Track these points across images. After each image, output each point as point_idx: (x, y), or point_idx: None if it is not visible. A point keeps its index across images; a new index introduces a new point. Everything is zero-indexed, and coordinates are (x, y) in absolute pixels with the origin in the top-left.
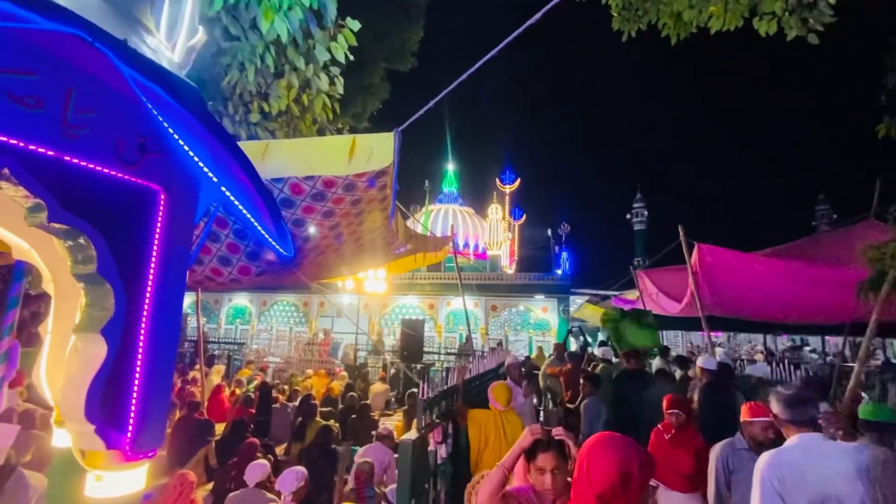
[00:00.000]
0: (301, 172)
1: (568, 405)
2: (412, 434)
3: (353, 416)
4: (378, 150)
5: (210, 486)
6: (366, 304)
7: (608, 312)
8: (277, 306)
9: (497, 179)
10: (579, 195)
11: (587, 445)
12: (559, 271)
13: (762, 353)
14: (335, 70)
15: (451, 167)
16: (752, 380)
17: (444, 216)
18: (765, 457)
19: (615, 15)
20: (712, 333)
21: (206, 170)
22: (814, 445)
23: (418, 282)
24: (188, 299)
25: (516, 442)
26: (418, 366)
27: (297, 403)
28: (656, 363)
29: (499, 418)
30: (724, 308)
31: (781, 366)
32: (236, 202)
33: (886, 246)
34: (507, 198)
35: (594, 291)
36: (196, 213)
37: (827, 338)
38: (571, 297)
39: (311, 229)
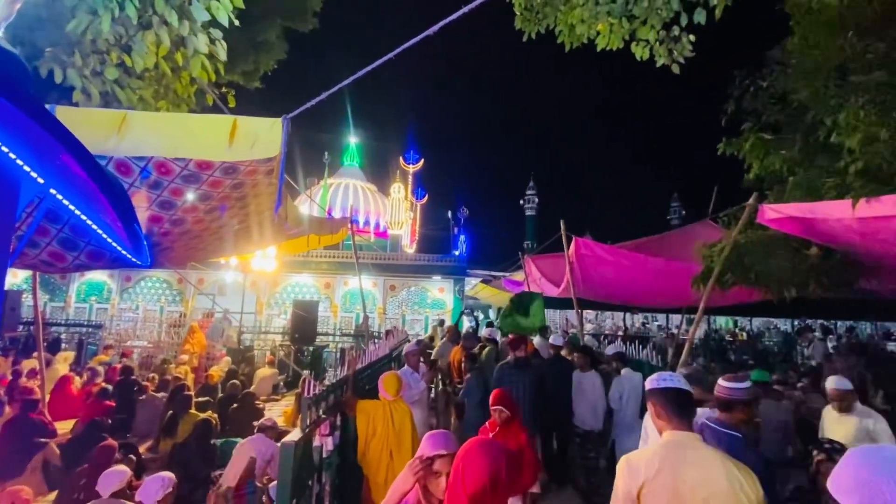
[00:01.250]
0: (169, 153)
1: (458, 385)
2: (295, 434)
3: (235, 405)
4: (264, 137)
5: (53, 496)
6: (253, 281)
7: (506, 311)
8: (145, 283)
9: (401, 158)
10: (478, 180)
11: (462, 450)
12: (456, 252)
13: (621, 331)
14: (217, 33)
15: (353, 140)
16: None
17: (344, 191)
18: None
19: (518, 14)
20: (584, 312)
21: (27, 169)
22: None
23: (314, 260)
24: (22, 274)
25: (395, 483)
26: (310, 348)
27: (167, 394)
28: (537, 341)
29: (388, 408)
30: (594, 292)
31: (634, 343)
32: (70, 205)
33: (714, 245)
34: (411, 177)
35: (487, 272)
36: (15, 209)
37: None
38: (467, 278)
39: (182, 213)
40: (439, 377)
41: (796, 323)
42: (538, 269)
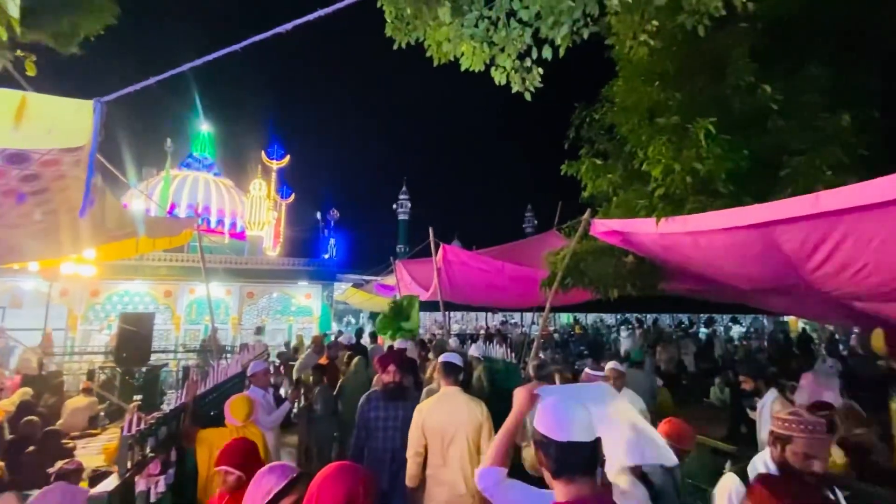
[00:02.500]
0: None
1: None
2: (110, 482)
3: (31, 448)
4: (66, 122)
5: None
6: (63, 290)
7: (385, 315)
8: None
9: (263, 153)
10: (352, 183)
11: (318, 476)
12: (326, 256)
13: (483, 329)
14: None
15: (205, 128)
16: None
17: (192, 185)
18: None
19: (388, 21)
20: (451, 313)
21: None
22: None
23: (149, 264)
24: None
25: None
26: (143, 369)
27: None
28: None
29: (236, 435)
30: (459, 296)
31: (493, 340)
32: None
33: (558, 253)
34: (274, 174)
35: (359, 276)
36: None
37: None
38: (336, 283)
39: None
40: (302, 393)
41: (617, 317)
42: (409, 273)
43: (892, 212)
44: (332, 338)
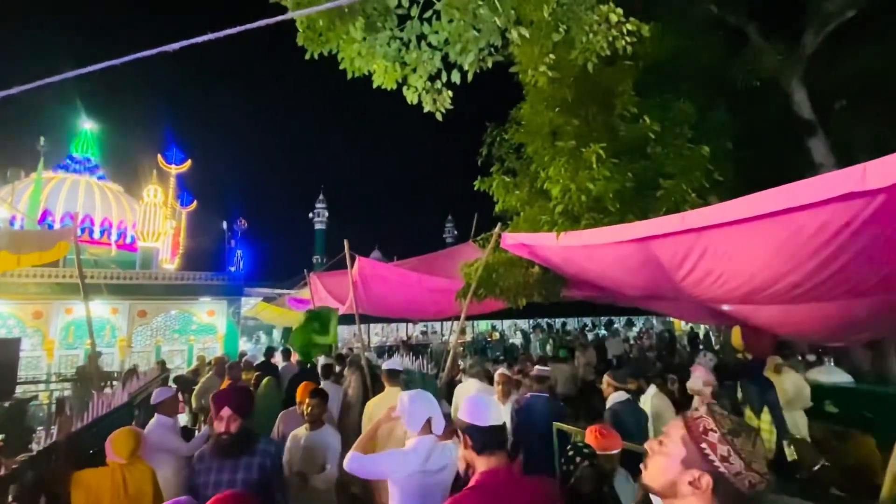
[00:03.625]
0: None
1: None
2: None
3: None
4: None
5: None
6: None
7: (299, 327)
8: None
9: (159, 156)
10: (263, 189)
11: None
12: (232, 269)
13: (403, 341)
14: None
15: (88, 126)
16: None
17: (70, 190)
18: None
19: (300, 30)
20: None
21: None
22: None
23: (15, 281)
24: None
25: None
26: (6, 403)
27: None
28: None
29: (118, 474)
30: (377, 308)
31: (412, 353)
32: None
33: (472, 265)
34: (173, 180)
35: (270, 290)
36: None
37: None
38: (245, 298)
39: None
40: (201, 420)
41: (530, 322)
42: (324, 286)
43: (738, 229)
44: (238, 358)
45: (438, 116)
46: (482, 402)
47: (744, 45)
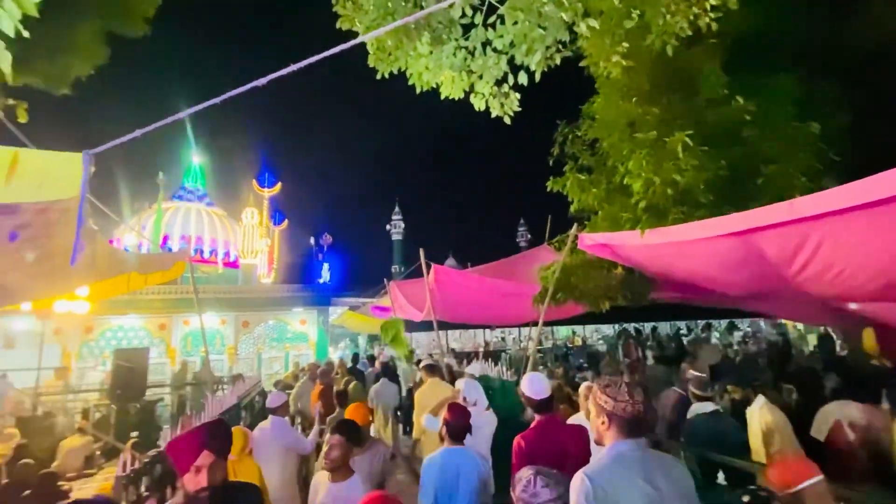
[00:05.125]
0: None
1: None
2: None
3: (27, 492)
4: (57, 174)
5: None
6: (57, 328)
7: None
8: None
9: (254, 181)
10: (344, 204)
11: None
12: (320, 280)
13: (483, 347)
14: None
15: (196, 160)
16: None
17: (184, 217)
18: None
19: (371, 52)
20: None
21: None
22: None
23: (143, 297)
24: None
25: None
26: (138, 405)
27: None
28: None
29: (229, 469)
30: (453, 315)
31: (490, 359)
32: None
33: (548, 268)
34: (266, 202)
35: (354, 300)
36: None
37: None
38: (332, 307)
39: None
40: (298, 422)
41: (615, 327)
42: (403, 294)
43: (865, 216)
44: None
45: (507, 120)
46: (539, 380)
47: (855, 4)
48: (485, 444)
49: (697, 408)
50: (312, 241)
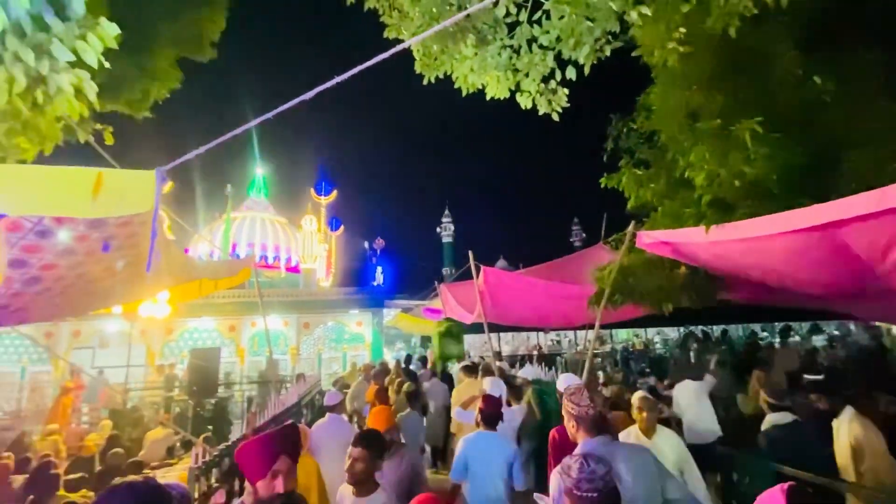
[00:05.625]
0: (16, 210)
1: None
2: None
3: (118, 479)
4: (134, 191)
5: None
6: (142, 330)
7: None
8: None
9: (311, 190)
10: (396, 208)
11: None
12: (375, 283)
13: (536, 350)
14: (83, 74)
15: (259, 171)
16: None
17: (250, 225)
18: None
19: (417, 59)
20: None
21: None
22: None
23: (215, 301)
24: None
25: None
26: (212, 401)
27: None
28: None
29: None
30: (504, 317)
31: (544, 363)
32: None
33: (604, 268)
34: (323, 209)
35: (406, 302)
36: None
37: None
38: (385, 310)
39: (38, 270)
40: (354, 421)
41: (680, 331)
42: (453, 296)
43: None
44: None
45: (555, 117)
46: (571, 378)
47: None
48: (511, 434)
49: (773, 419)
50: (366, 245)
